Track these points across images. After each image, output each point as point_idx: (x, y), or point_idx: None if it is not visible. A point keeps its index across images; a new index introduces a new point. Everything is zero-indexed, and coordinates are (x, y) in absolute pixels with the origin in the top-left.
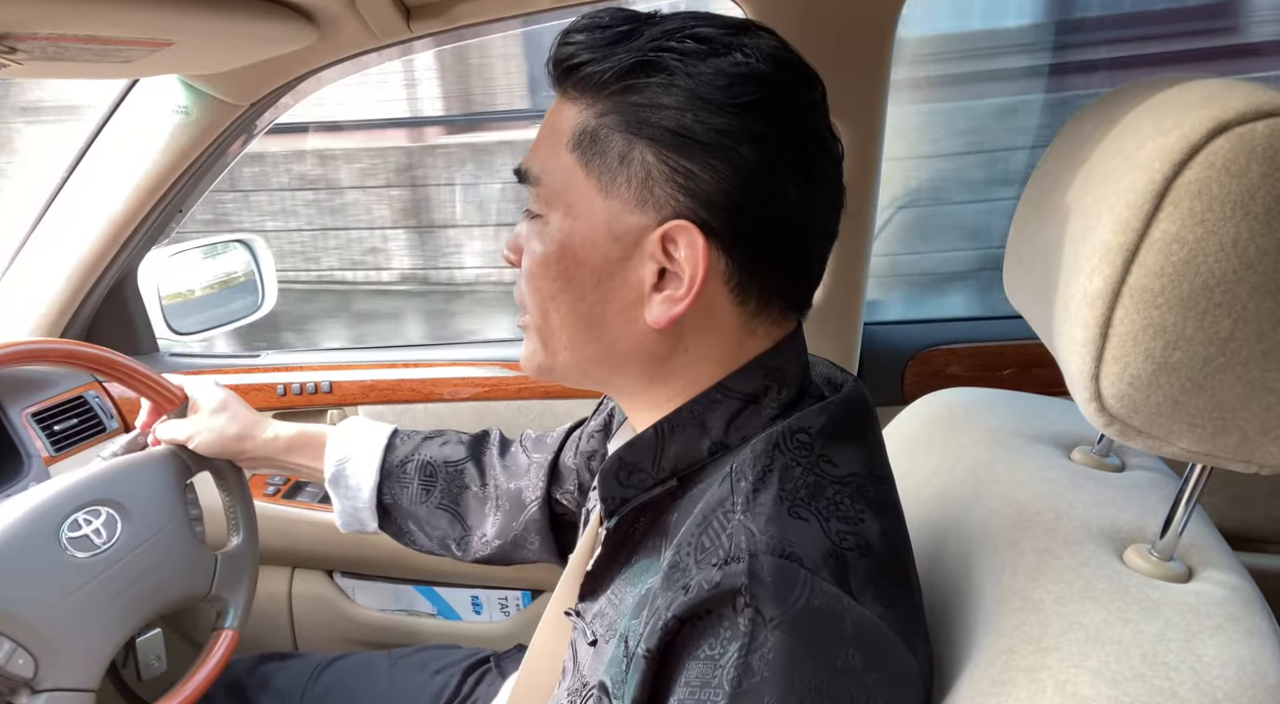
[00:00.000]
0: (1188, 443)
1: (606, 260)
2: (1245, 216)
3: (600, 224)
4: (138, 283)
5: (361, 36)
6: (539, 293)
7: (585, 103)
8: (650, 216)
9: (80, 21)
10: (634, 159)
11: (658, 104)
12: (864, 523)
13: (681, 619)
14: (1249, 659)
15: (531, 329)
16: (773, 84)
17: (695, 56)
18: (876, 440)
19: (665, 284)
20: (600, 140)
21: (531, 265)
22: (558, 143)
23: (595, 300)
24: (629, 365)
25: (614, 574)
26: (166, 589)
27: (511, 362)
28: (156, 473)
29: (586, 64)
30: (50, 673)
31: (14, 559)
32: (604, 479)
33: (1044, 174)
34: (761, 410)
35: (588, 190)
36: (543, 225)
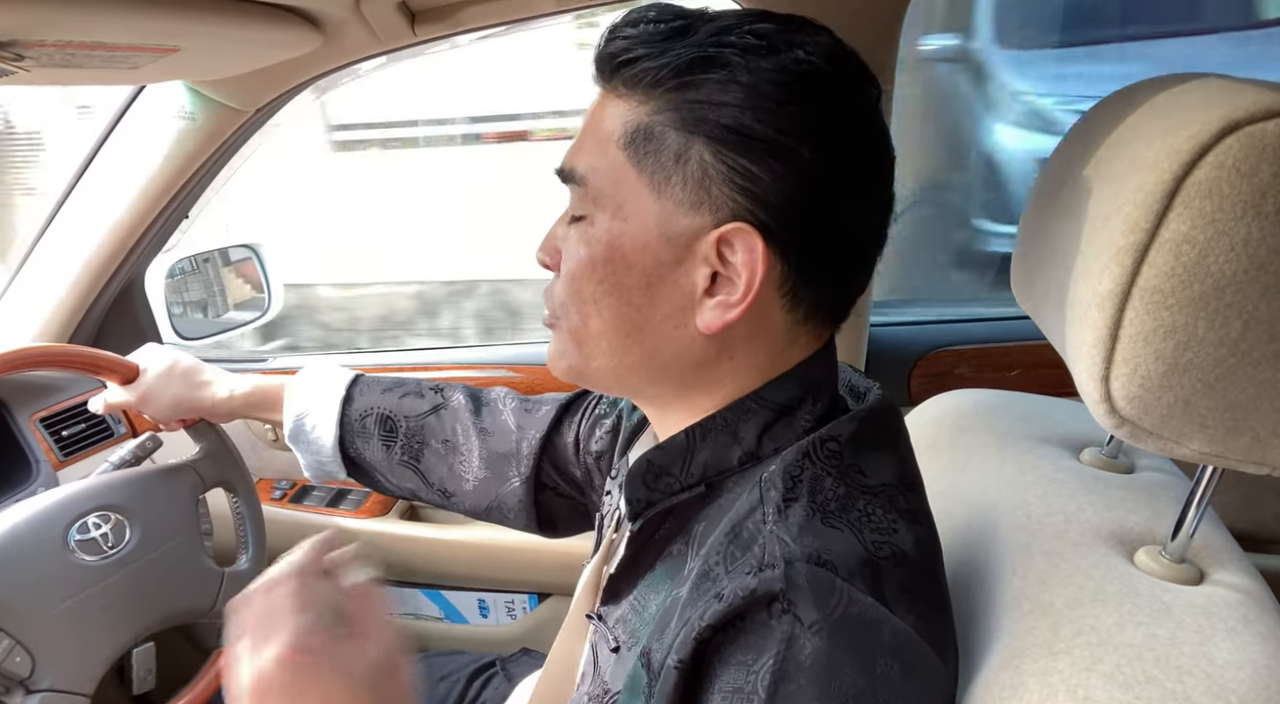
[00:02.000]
0: (1199, 444)
1: (657, 263)
2: (1256, 216)
3: (652, 225)
4: (144, 288)
5: (367, 41)
6: (580, 296)
7: (637, 100)
8: (706, 218)
9: (87, 28)
10: (691, 158)
11: (716, 101)
12: (898, 532)
13: (715, 627)
14: (1263, 662)
15: (564, 331)
16: (834, 83)
17: (755, 53)
18: (906, 447)
19: (717, 289)
20: (655, 138)
21: (575, 267)
22: (606, 141)
23: (642, 304)
24: (670, 373)
25: (637, 579)
26: (170, 601)
27: (517, 365)
28: (170, 485)
29: (640, 60)
30: (47, 673)
31: (20, 556)
32: (630, 481)
33: (1052, 174)
34: (795, 422)
35: (639, 190)
36: (588, 227)
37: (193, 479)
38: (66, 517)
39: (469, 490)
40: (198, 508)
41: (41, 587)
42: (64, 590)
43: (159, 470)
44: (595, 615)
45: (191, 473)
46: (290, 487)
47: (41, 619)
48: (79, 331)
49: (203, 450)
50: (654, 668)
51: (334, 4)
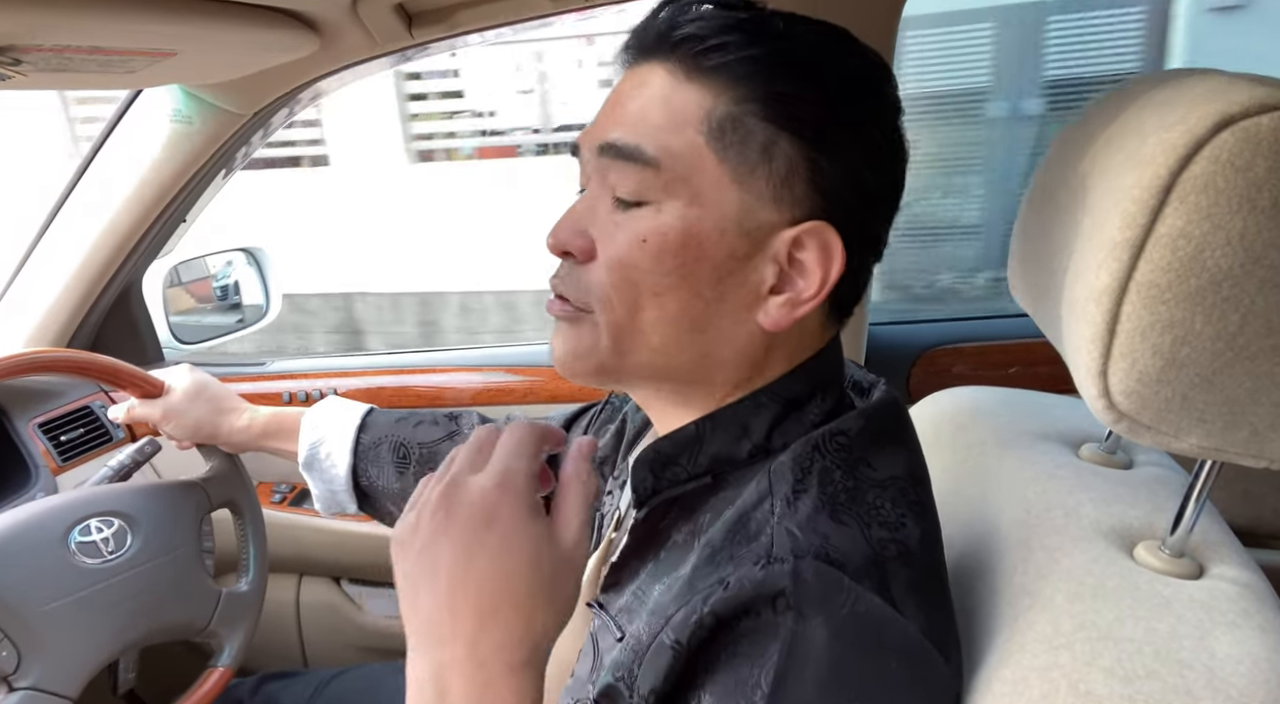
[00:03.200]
0: (1197, 438)
1: (731, 257)
2: (1252, 210)
3: (730, 216)
4: (143, 293)
5: (364, 44)
6: (635, 286)
7: (719, 86)
8: (784, 214)
9: (84, 33)
10: (778, 153)
11: (804, 97)
12: (905, 527)
13: (719, 615)
14: (1263, 655)
15: (596, 325)
16: (885, 85)
17: (832, 55)
18: (914, 442)
19: (782, 285)
20: (742, 129)
21: (632, 254)
22: (681, 123)
23: (712, 298)
24: (723, 370)
25: (640, 568)
26: (164, 613)
27: (515, 366)
28: (176, 498)
29: (730, 46)
30: (31, 670)
31: (19, 551)
32: (637, 468)
33: (1048, 172)
34: (804, 417)
35: (719, 179)
36: (652, 213)
37: (200, 497)
38: (70, 517)
39: None
40: (201, 526)
41: (36, 583)
42: (59, 589)
43: (168, 484)
44: (596, 603)
45: (200, 491)
46: (290, 490)
47: (32, 615)
48: (77, 336)
49: (213, 469)
50: (644, 641)
51: (331, 7)
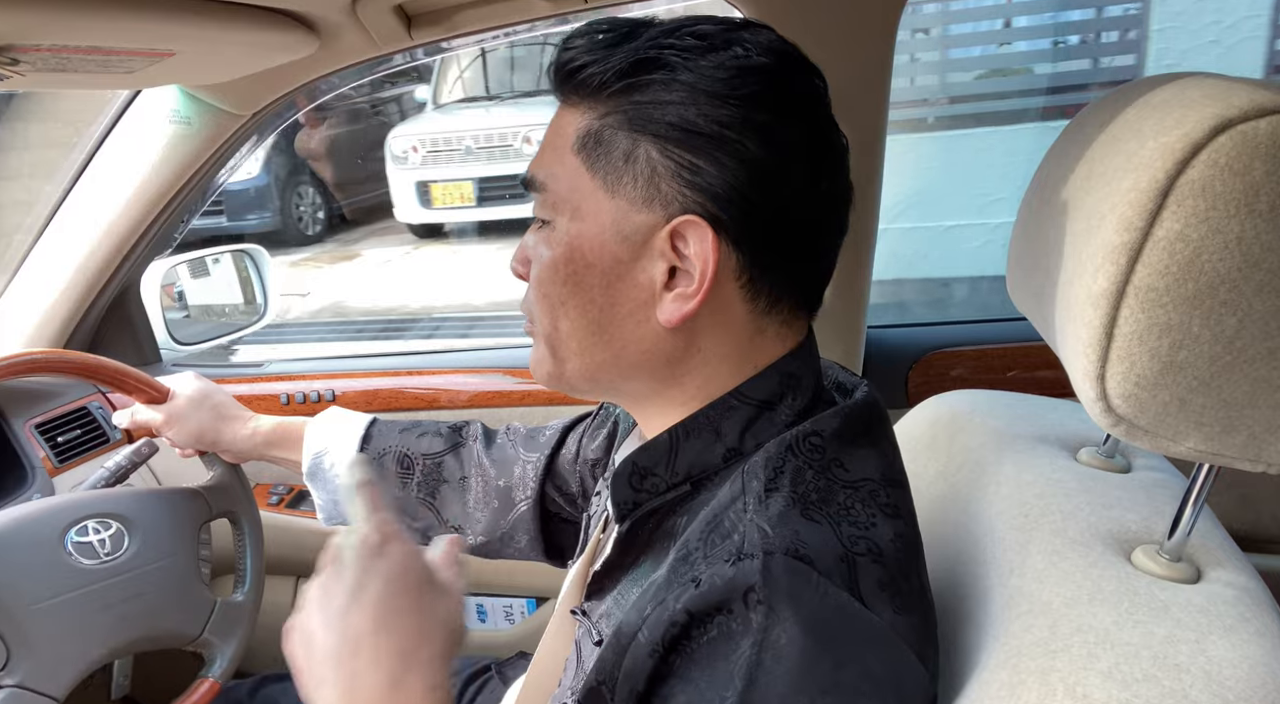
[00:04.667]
0: (1195, 442)
1: (616, 261)
2: (1249, 214)
3: (607, 224)
4: (140, 293)
5: (363, 45)
6: (548, 299)
7: (586, 106)
8: (658, 214)
9: (82, 33)
10: (639, 156)
11: (660, 101)
12: (875, 527)
13: (691, 612)
14: (1260, 660)
15: (540, 337)
16: (773, 75)
17: (695, 52)
18: (890, 445)
19: (676, 282)
20: (604, 141)
21: (540, 272)
22: (562, 148)
23: (605, 303)
24: (641, 369)
25: (621, 574)
26: (157, 620)
27: (514, 368)
28: (176, 505)
29: (586, 67)
30: (19, 668)
31: (15, 548)
32: (616, 483)
33: (1046, 175)
34: (776, 417)
35: (593, 191)
36: (550, 231)
37: (200, 505)
38: (68, 517)
39: (480, 525)
40: (199, 534)
41: (30, 580)
42: (52, 588)
43: (168, 490)
44: (580, 611)
45: (200, 499)
46: (287, 492)
47: (24, 612)
48: (74, 336)
49: (214, 479)
50: (622, 642)
51: (330, 8)
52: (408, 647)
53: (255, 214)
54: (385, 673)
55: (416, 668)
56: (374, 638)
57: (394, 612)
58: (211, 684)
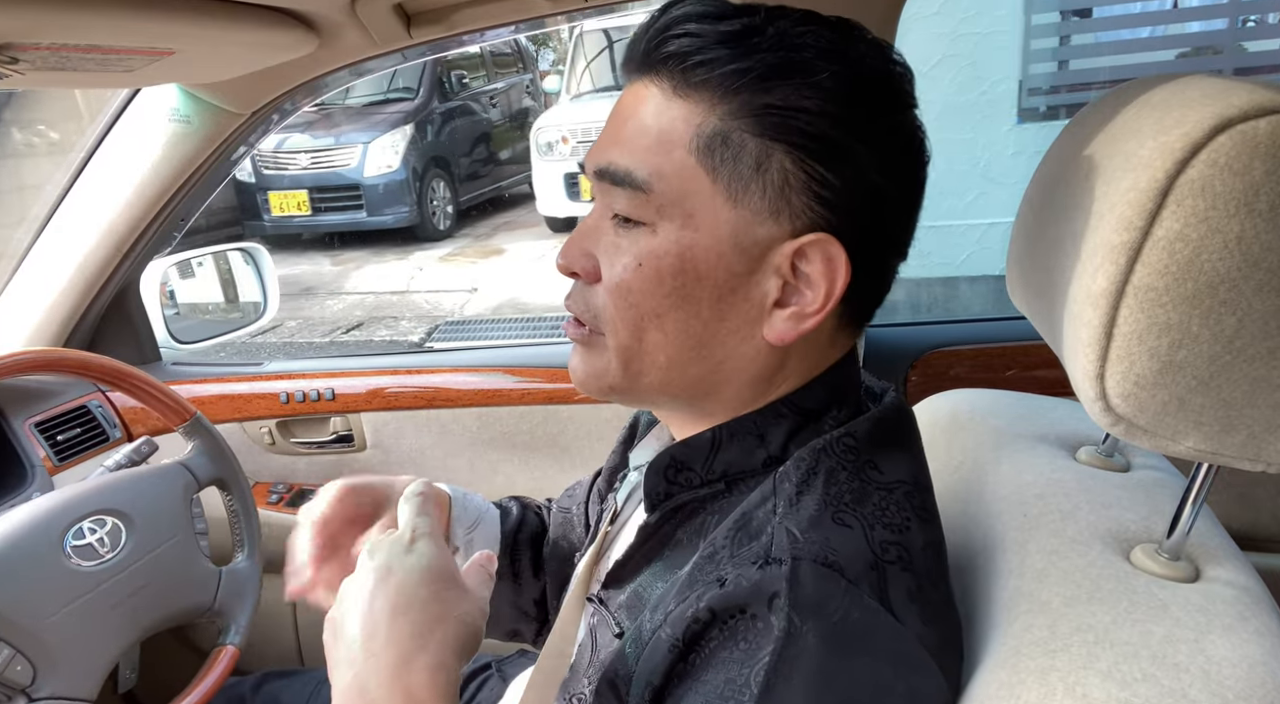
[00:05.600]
0: (1194, 441)
1: (730, 275)
2: (1249, 214)
3: (725, 235)
4: (140, 292)
5: (362, 44)
6: (636, 309)
7: (708, 102)
8: (783, 228)
9: (82, 32)
10: (771, 166)
11: (796, 107)
12: (909, 532)
13: (714, 611)
14: (1259, 659)
15: (606, 347)
16: (897, 90)
17: (833, 58)
18: (919, 448)
19: (787, 299)
20: (733, 145)
21: (630, 279)
22: (670, 143)
23: (711, 318)
24: (730, 385)
25: (642, 566)
26: (168, 602)
27: (513, 367)
28: (163, 485)
29: (716, 62)
30: (48, 681)
31: (16, 565)
32: (651, 474)
33: (1045, 174)
34: (821, 428)
35: (713, 198)
36: (648, 235)
37: (186, 478)
38: (61, 523)
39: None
40: (192, 507)
41: (39, 595)
42: (62, 598)
43: (152, 471)
44: (596, 598)
45: (185, 472)
46: (287, 490)
47: (40, 628)
48: (74, 335)
49: (195, 449)
50: (644, 637)
51: (329, 7)
52: (421, 630)
53: (393, 208)
54: (397, 651)
55: (427, 649)
56: (391, 620)
57: (413, 599)
58: (233, 651)
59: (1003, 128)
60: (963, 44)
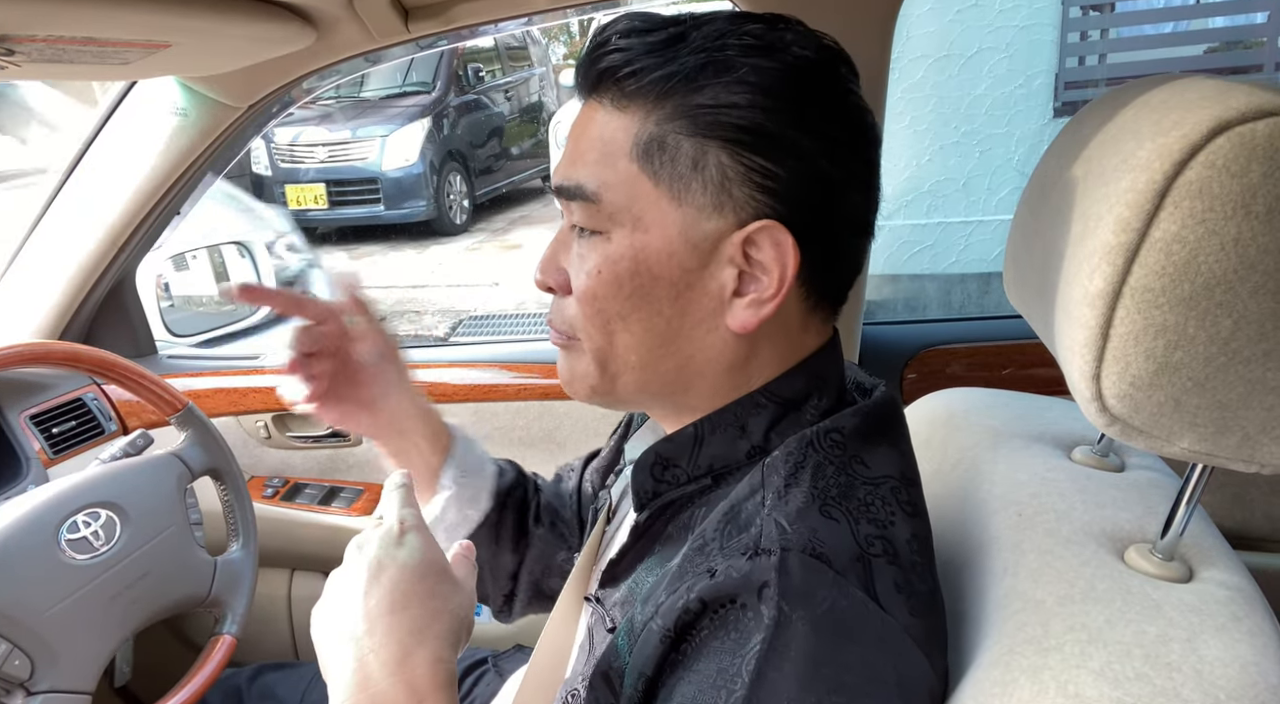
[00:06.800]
0: (1189, 443)
1: (684, 271)
2: (1246, 216)
3: (675, 234)
4: (136, 285)
5: (360, 38)
6: (602, 314)
7: (643, 111)
8: (729, 220)
9: (78, 24)
10: (708, 162)
11: (726, 104)
12: (893, 526)
13: (705, 601)
14: (1252, 659)
15: (584, 352)
16: (825, 72)
17: (755, 53)
18: (907, 444)
19: (745, 287)
20: (669, 147)
21: (594, 286)
22: (614, 154)
23: (673, 314)
24: (704, 377)
25: (635, 563)
26: (165, 593)
27: (509, 363)
28: (157, 476)
29: (644, 71)
30: (46, 675)
31: (12, 561)
32: (637, 472)
33: (1044, 174)
34: (802, 417)
35: (658, 200)
36: (603, 243)
37: (179, 469)
38: (55, 517)
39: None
40: (185, 498)
41: (35, 590)
42: (58, 592)
43: (145, 462)
44: (594, 598)
45: (178, 463)
46: (282, 484)
47: (37, 622)
48: (70, 328)
49: (188, 440)
50: (636, 629)
51: (327, 0)
52: (419, 625)
53: (411, 202)
54: (397, 646)
55: (426, 643)
56: (388, 617)
57: (408, 595)
58: (230, 640)
59: (1038, 122)
60: (1000, 36)
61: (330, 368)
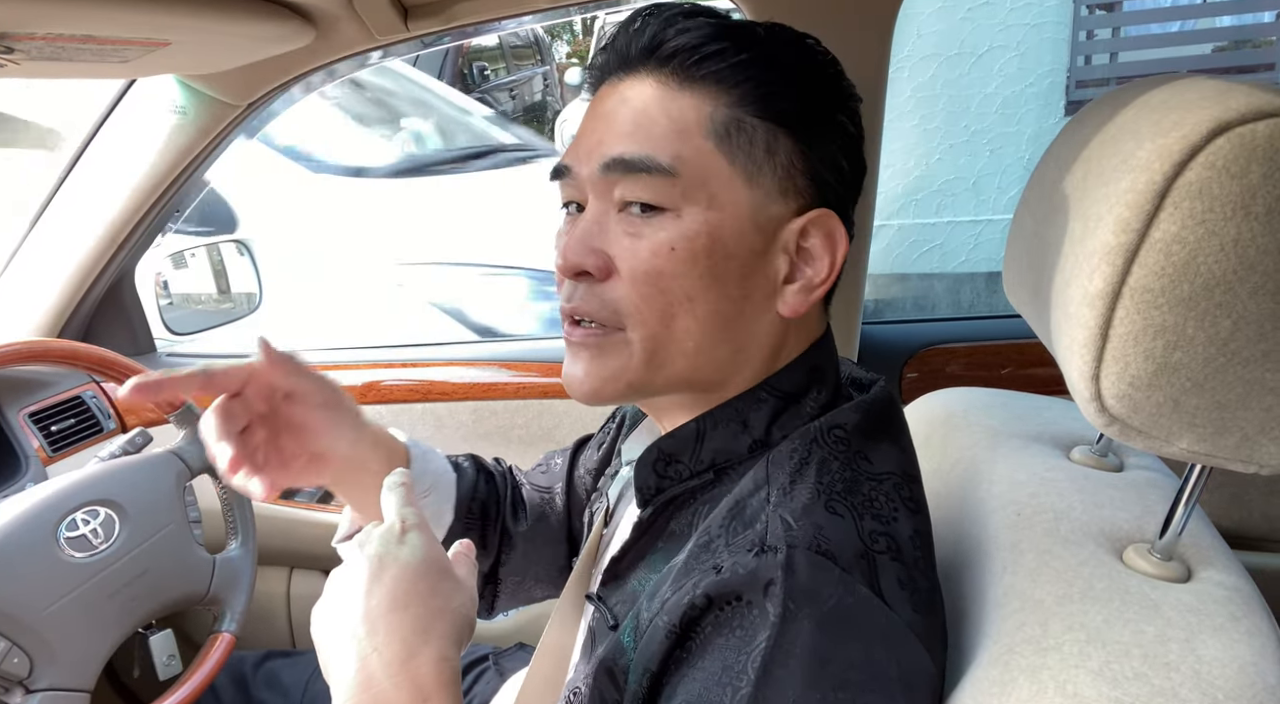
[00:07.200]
0: (1188, 443)
1: (752, 253)
2: (1246, 217)
3: (746, 215)
4: (135, 283)
5: (359, 36)
6: (666, 294)
7: (713, 92)
8: (790, 206)
9: (77, 22)
10: (779, 148)
11: (790, 94)
12: (897, 522)
13: (711, 597)
14: (1249, 659)
15: (631, 342)
16: (844, 78)
17: (801, 55)
18: (908, 440)
19: (795, 273)
20: (745, 130)
21: (660, 264)
22: (686, 132)
23: (738, 296)
24: (750, 364)
25: (638, 561)
26: (163, 591)
27: (508, 361)
28: (156, 474)
29: (720, 54)
30: (45, 672)
31: (11, 558)
32: (640, 468)
33: (1044, 174)
34: (802, 410)
35: (732, 180)
36: (673, 220)
37: (178, 467)
38: (54, 515)
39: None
40: (184, 496)
41: (34, 588)
42: (57, 590)
43: (144, 460)
44: (596, 596)
45: (177, 461)
46: None
47: (37, 620)
48: (69, 326)
49: (187, 437)
50: (641, 626)
51: None
52: (422, 624)
53: None
54: (401, 644)
55: (430, 642)
56: (390, 616)
57: (410, 593)
58: (229, 638)
59: (1050, 120)
60: (1012, 34)
61: (266, 434)
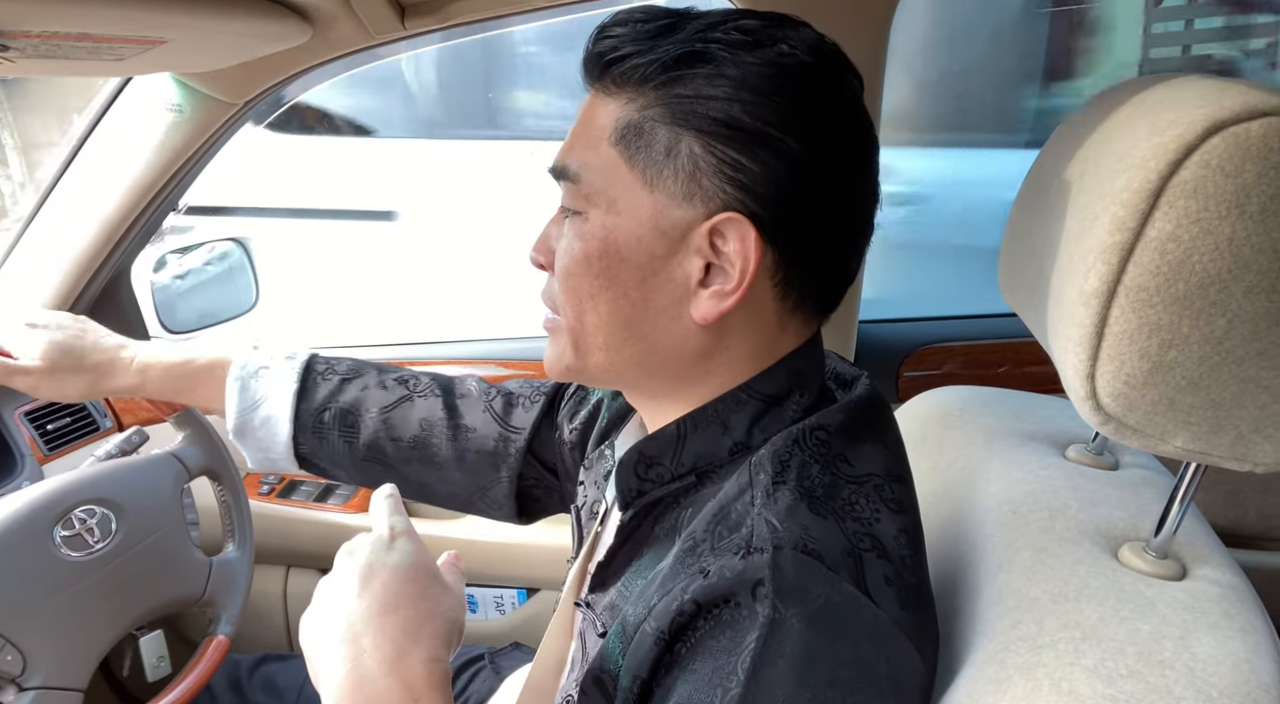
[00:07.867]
0: (1183, 441)
1: (651, 256)
2: (1240, 216)
3: (645, 219)
4: (131, 281)
5: (356, 34)
6: (575, 292)
7: (626, 97)
8: (698, 210)
9: (73, 19)
10: (681, 151)
11: (704, 95)
12: (879, 523)
13: (699, 603)
14: (1244, 656)
15: (562, 331)
16: (817, 75)
17: (741, 47)
18: (894, 438)
19: (712, 279)
20: (645, 133)
21: (569, 264)
22: (597, 138)
23: (638, 298)
24: (669, 365)
25: (624, 566)
26: (159, 592)
27: (506, 360)
28: (154, 475)
29: (629, 57)
30: (38, 670)
31: (5, 556)
32: (621, 471)
33: (1039, 173)
34: (784, 413)
35: (632, 185)
36: (581, 223)
37: (177, 469)
38: (51, 513)
39: (446, 488)
40: (182, 498)
41: (29, 585)
42: (52, 588)
43: (143, 461)
44: (584, 602)
45: (175, 462)
46: (279, 481)
47: (30, 618)
48: None
49: (186, 439)
50: (628, 631)
51: None
52: (412, 626)
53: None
54: (390, 646)
55: (420, 643)
56: (380, 619)
57: (399, 596)
58: (224, 641)
59: None
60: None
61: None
